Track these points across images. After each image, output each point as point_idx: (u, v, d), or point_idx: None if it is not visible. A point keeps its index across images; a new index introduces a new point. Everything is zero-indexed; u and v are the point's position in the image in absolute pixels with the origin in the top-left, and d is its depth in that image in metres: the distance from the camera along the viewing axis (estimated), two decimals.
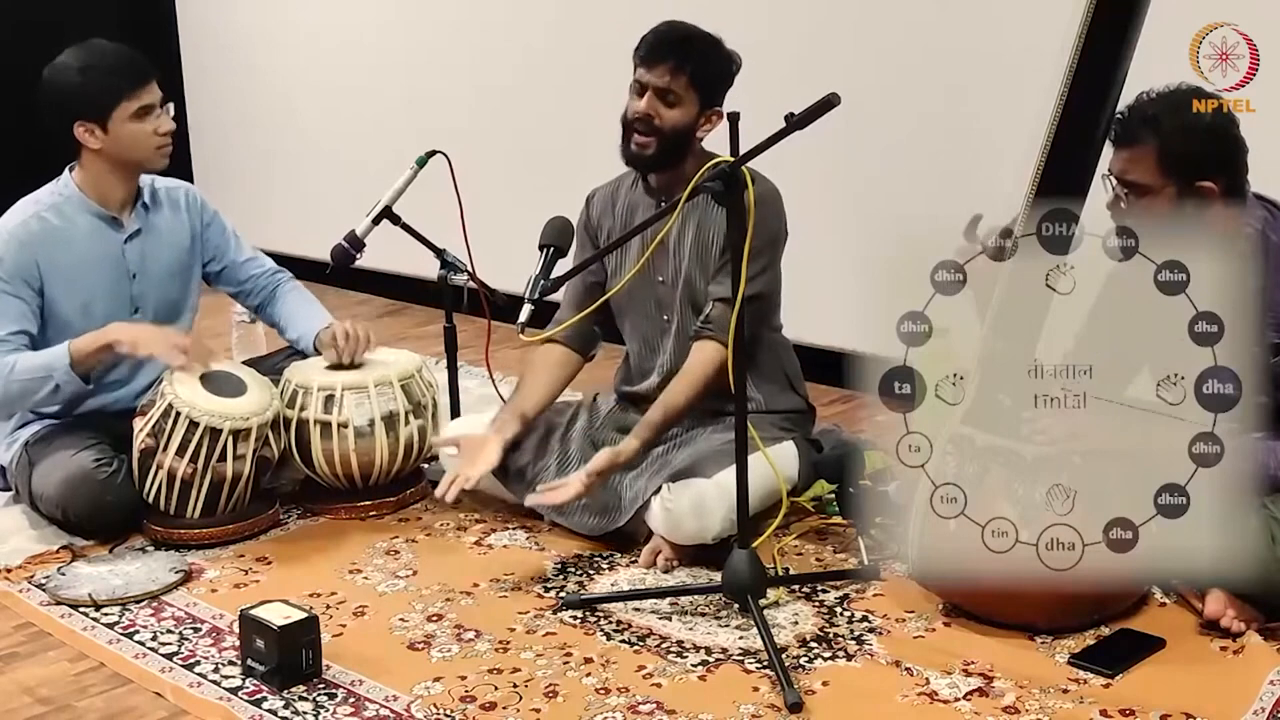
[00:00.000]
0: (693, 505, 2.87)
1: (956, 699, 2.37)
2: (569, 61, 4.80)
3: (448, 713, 2.39)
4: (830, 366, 3.84)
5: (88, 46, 3.21)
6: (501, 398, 3.63)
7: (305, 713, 2.40)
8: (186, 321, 3.44)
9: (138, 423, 3.11)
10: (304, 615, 2.51)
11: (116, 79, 3.15)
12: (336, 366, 3.33)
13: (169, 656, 2.62)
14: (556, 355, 3.23)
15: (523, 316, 2.74)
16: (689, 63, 2.96)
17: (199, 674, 2.55)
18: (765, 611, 2.60)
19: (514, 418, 3.14)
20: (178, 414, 3.04)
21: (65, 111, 3.17)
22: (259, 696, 2.46)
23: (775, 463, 2.78)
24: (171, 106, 3.26)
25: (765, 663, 2.49)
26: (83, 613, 2.80)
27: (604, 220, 3.21)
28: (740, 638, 2.61)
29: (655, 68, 2.97)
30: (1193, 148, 2.53)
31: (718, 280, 3.00)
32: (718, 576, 2.72)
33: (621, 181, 3.21)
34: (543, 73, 4.92)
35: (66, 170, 3.30)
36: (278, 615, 2.49)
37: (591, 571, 2.95)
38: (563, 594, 2.83)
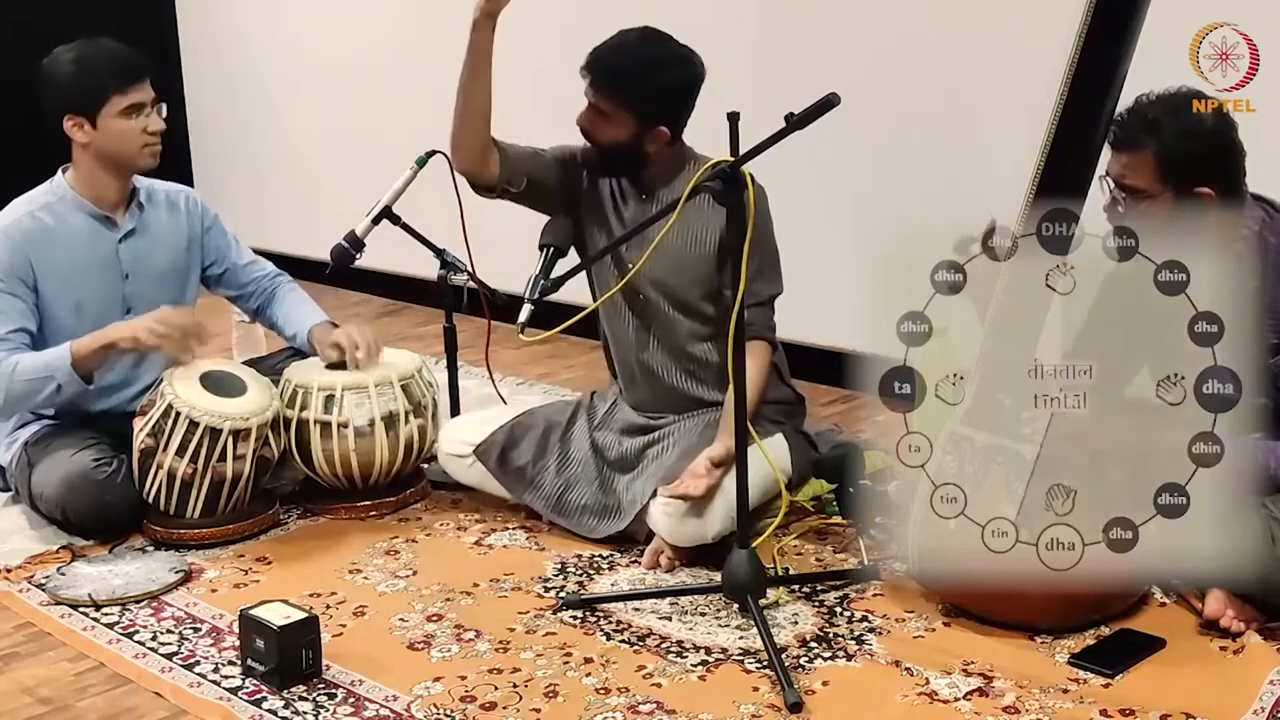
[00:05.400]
0: (691, 506, 2.87)
1: (956, 699, 2.37)
2: (569, 61, 4.80)
3: (448, 713, 2.39)
4: (830, 366, 3.84)
5: (85, 42, 3.21)
6: (502, 398, 3.65)
7: (305, 713, 2.40)
8: None
9: (138, 423, 3.11)
10: (304, 615, 2.51)
11: (108, 75, 3.15)
12: (336, 366, 3.33)
13: (169, 656, 2.62)
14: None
15: (523, 316, 2.74)
16: (619, 85, 2.94)
17: (199, 674, 2.55)
18: (765, 611, 2.60)
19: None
20: (178, 414, 3.04)
21: (56, 104, 3.18)
22: (259, 696, 2.46)
23: (770, 456, 2.78)
24: (164, 107, 3.25)
25: (765, 663, 2.49)
26: (83, 613, 2.80)
27: (595, 175, 3.15)
28: (740, 638, 2.61)
29: (590, 83, 2.98)
30: (1192, 153, 2.52)
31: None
32: (718, 576, 2.72)
33: None
34: (543, 72, 4.91)
35: (60, 171, 3.30)
36: (278, 615, 2.49)
37: (591, 571, 2.95)
38: (563, 594, 2.83)
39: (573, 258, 3.02)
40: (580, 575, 2.93)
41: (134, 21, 6.10)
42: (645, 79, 2.95)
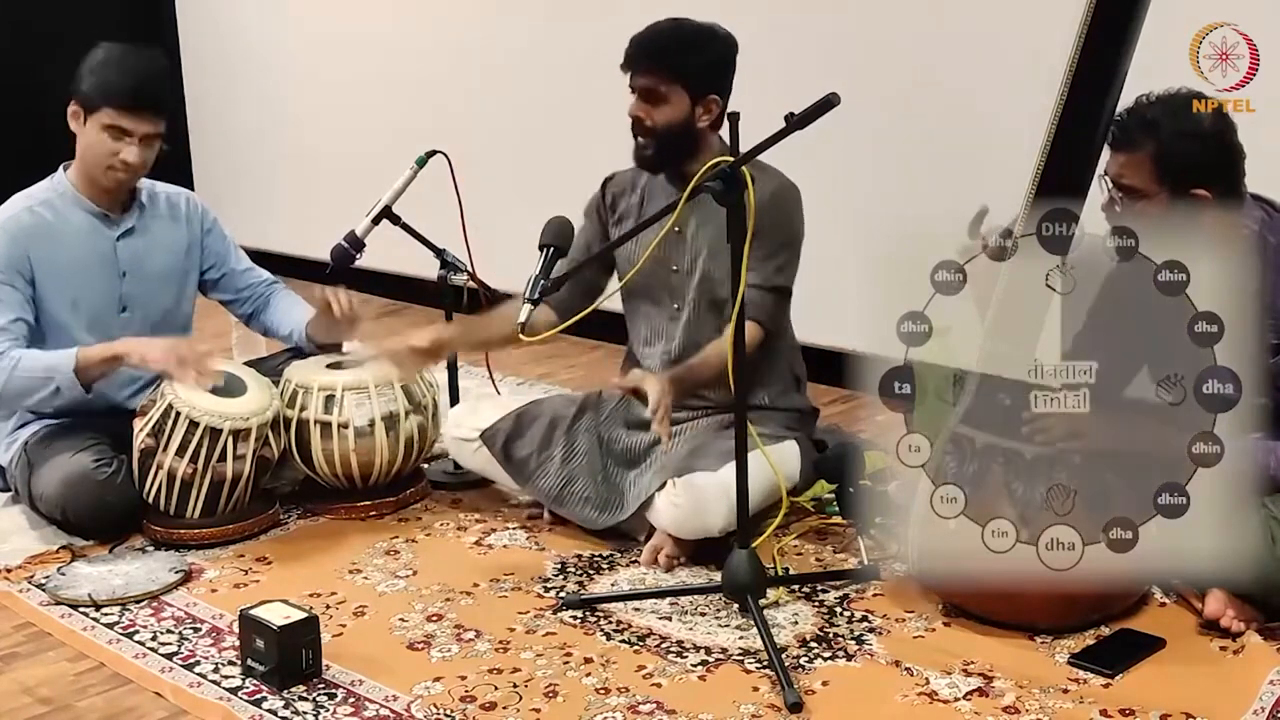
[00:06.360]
0: (697, 500, 2.87)
1: (956, 699, 2.37)
2: (569, 60, 4.80)
3: (448, 713, 2.39)
4: (830, 366, 3.84)
5: (131, 50, 3.19)
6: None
7: (305, 713, 2.40)
8: (182, 330, 3.43)
9: (138, 423, 3.11)
10: (304, 615, 2.51)
11: (114, 88, 3.12)
12: (336, 366, 3.33)
13: (169, 656, 2.62)
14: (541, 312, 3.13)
15: (522, 317, 2.74)
16: (665, 60, 2.98)
17: (199, 674, 2.55)
18: (765, 611, 2.60)
19: (461, 329, 3.21)
20: (178, 414, 3.04)
21: (74, 86, 3.16)
22: (259, 696, 2.46)
23: (775, 461, 2.78)
24: (157, 148, 3.20)
25: (765, 663, 2.49)
26: (83, 613, 2.80)
27: (620, 201, 3.23)
28: (740, 638, 2.61)
29: (636, 70, 3.01)
30: (1190, 155, 2.53)
31: (750, 268, 2.99)
32: (718, 576, 2.72)
33: None
34: (543, 72, 4.92)
35: (61, 168, 3.30)
36: (278, 615, 2.49)
37: (591, 571, 2.95)
38: (563, 594, 2.83)
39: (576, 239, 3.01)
40: (580, 575, 2.93)
41: (134, 21, 6.10)
42: (692, 47, 3.01)
